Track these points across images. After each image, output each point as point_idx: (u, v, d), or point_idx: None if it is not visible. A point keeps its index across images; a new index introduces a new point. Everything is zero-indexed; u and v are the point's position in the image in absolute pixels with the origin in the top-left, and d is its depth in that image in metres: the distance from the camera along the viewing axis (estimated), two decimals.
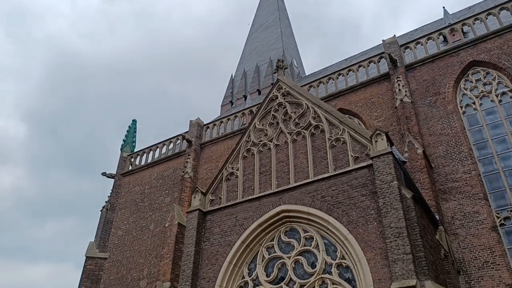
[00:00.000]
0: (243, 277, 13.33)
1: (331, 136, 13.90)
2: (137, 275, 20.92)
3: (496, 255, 13.86)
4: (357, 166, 12.74)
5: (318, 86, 22.10)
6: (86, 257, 22.52)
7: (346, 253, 11.88)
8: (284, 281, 12.53)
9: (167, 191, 23.15)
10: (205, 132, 24.44)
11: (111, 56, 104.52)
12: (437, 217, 14.32)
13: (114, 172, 26.28)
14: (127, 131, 28.27)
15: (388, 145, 12.31)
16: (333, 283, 11.78)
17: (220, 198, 15.23)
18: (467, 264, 14.13)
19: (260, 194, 14.20)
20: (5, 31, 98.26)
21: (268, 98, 16.36)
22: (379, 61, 20.71)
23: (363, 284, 11.03)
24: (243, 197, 14.62)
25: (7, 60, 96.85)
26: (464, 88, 17.96)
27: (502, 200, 15.23)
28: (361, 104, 19.83)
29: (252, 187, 14.67)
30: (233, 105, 36.07)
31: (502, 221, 14.77)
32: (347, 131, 13.60)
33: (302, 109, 15.20)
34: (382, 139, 12.46)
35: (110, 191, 25.56)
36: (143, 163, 25.79)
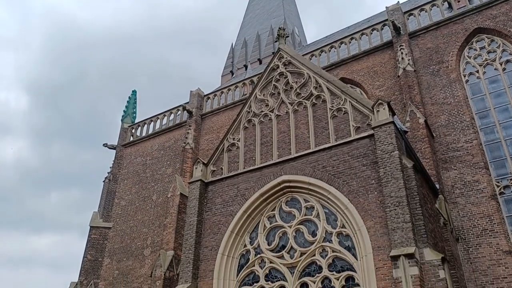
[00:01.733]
0: (245, 246, 13.57)
1: (332, 106, 13.82)
2: (141, 244, 21.33)
3: (495, 223, 14.05)
4: (358, 136, 12.72)
5: (320, 55, 21.79)
6: (90, 226, 22.90)
7: (346, 222, 12.05)
8: (285, 249, 12.77)
9: (168, 162, 23.27)
10: (206, 103, 24.31)
11: (111, 26, 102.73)
12: (437, 186, 14.43)
13: (115, 143, 26.35)
14: (127, 101, 28.15)
15: (389, 114, 12.24)
16: (333, 251, 12.00)
17: (221, 169, 15.31)
18: (465, 232, 14.34)
19: (262, 165, 14.26)
20: (2, 0, 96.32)
21: (269, 68, 16.17)
22: (382, 29, 20.32)
23: (363, 252, 11.24)
24: (244, 168, 14.69)
25: (5, 31, 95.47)
26: (467, 56, 17.70)
27: (502, 169, 15.30)
28: (363, 73, 19.61)
29: (254, 158, 14.72)
30: (234, 75, 35.70)
31: (502, 190, 14.88)
32: (349, 101, 13.51)
33: (303, 78, 15.04)
34: (384, 108, 12.39)
35: (112, 162, 25.72)
36: (144, 134, 25.81)
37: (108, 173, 25.31)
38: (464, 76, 17.39)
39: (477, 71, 17.26)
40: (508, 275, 13.13)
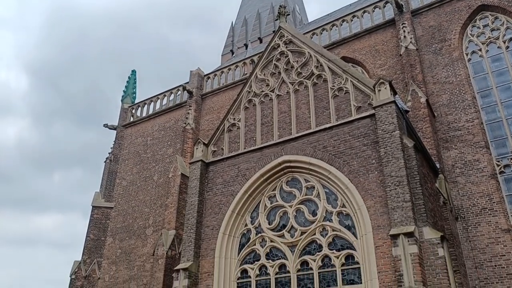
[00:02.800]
0: (246, 225, 13.70)
1: (333, 86, 13.72)
2: (143, 223, 21.54)
3: (494, 202, 14.14)
4: (359, 116, 12.67)
5: (321, 33, 21.51)
6: (92, 206, 23.09)
7: (347, 202, 12.12)
8: (285, 229, 12.89)
9: (169, 143, 23.28)
10: (206, 83, 24.15)
11: (110, 5, 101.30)
12: (437, 165, 14.46)
13: (116, 123, 26.31)
14: (127, 82, 27.97)
15: (391, 94, 12.17)
16: (333, 230, 12.11)
17: (222, 149, 15.32)
18: (465, 211, 14.44)
19: (262, 145, 14.26)
20: None
21: (269, 47, 15.99)
22: (384, 6, 19.99)
23: (363, 231, 11.35)
24: (245, 148, 14.70)
25: (4, 10, 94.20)
26: (471, 34, 17.47)
27: (503, 148, 15.30)
28: (365, 52, 19.40)
29: (254, 138, 14.71)
30: (234, 54, 35.35)
31: (502, 169, 14.91)
32: (350, 80, 13.40)
33: (304, 58, 14.89)
34: (385, 88, 12.31)
35: (113, 143, 25.74)
36: (144, 114, 25.74)
37: (109, 153, 25.36)
38: (467, 55, 17.20)
39: (480, 50, 17.07)
40: (506, 253, 13.29)
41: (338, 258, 11.72)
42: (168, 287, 16.89)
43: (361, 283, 11.11)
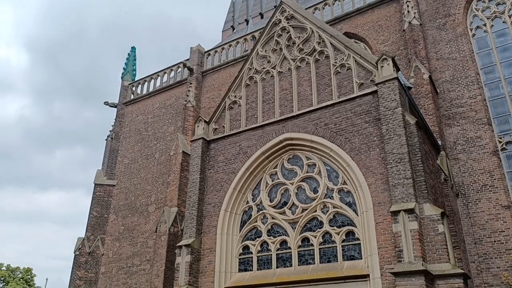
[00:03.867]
0: (248, 202, 13.80)
1: (335, 62, 13.56)
2: (145, 201, 21.71)
3: (495, 179, 14.17)
4: (361, 93, 12.57)
5: (324, 8, 21.11)
6: (95, 184, 23.23)
7: (348, 179, 12.16)
8: (287, 206, 12.98)
9: (170, 120, 23.22)
10: (207, 60, 23.88)
11: None
12: (439, 142, 14.43)
13: (116, 101, 26.19)
14: (127, 59, 27.68)
15: (394, 70, 12.03)
16: (334, 207, 12.19)
17: (223, 127, 15.28)
18: (466, 188, 14.50)
19: (264, 123, 14.21)
20: None
21: (271, 23, 15.73)
22: None
23: (363, 207, 11.42)
24: (246, 126, 14.66)
25: None
26: (475, 8, 17.13)
27: (505, 125, 15.23)
28: (367, 28, 19.09)
29: (255, 116, 14.65)
30: (235, 30, 34.84)
31: (504, 146, 14.88)
32: (353, 57, 13.23)
33: (306, 33, 14.66)
34: (388, 64, 12.15)
35: (114, 120, 25.69)
36: (144, 92, 25.58)
37: (110, 131, 25.34)
38: (471, 30, 16.92)
39: (485, 25, 16.78)
40: (506, 229, 13.40)
41: (338, 234, 11.84)
42: (171, 263, 17.16)
43: (361, 258, 11.26)
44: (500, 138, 15.00)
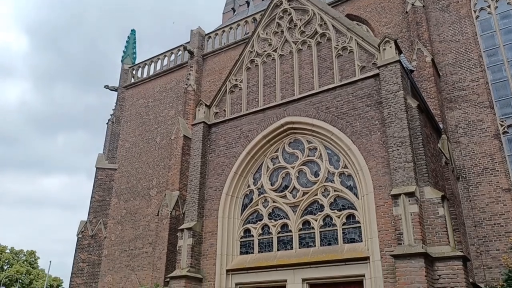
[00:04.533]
0: (249, 186, 13.85)
1: (337, 45, 13.42)
2: (146, 184, 21.82)
3: (496, 162, 14.19)
4: (363, 76, 12.48)
5: None
6: (96, 168, 23.33)
7: (349, 163, 12.17)
8: (288, 189, 13.03)
9: (171, 104, 23.16)
10: (207, 42, 23.67)
11: None
12: (441, 126, 14.40)
13: (117, 85, 26.08)
14: (127, 42, 27.45)
15: (396, 53, 11.91)
16: (335, 190, 12.24)
17: (224, 110, 15.23)
18: (466, 171, 14.53)
19: (265, 106, 14.16)
20: None
21: (272, 4, 15.52)
22: None
23: (364, 191, 11.46)
24: (247, 110, 14.61)
25: None
26: None
27: (507, 108, 15.17)
28: (370, 9, 18.85)
29: (257, 99, 14.59)
30: (236, 13, 34.42)
31: (506, 129, 14.85)
32: (355, 39, 13.09)
33: (308, 16, 14.48)
34: (390, 47, 12.03)
35: (115, 104, 25.64)
36: (145, 75, 25.45)
37: (111, 115, 25.31)
38: (475, 12, 16.70)
39: (489, 6, 16.55)
40: (506, 212, 13.48)
41: (339, 217, 11.92)
42: (173, 246, 17.34)
43: (361, 241, 11.35)
44: (502, 121, 14.95)
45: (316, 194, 12.49)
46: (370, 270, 10.65)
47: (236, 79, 15.38)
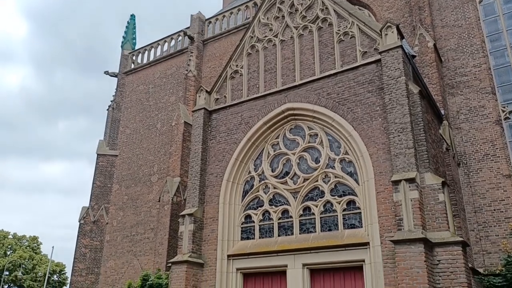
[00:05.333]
0: (249, 172, 13.88)
1: (339, 30, 13.29)
2: (147, 171, 21.88)
3: (497, 148, 14.18)
4: (364, 62, 12.38)
5: None
6: (97, 154, 23.38)
7: (350, 149, 12.16)
8: (288, 176, 13.06)
9: (171, 90, 23.08)
10: (207, 28, 23.47)
11: None
12: (442, 112, 14.34)
13: (117, 70, 25.96)
14: (126, 27, 27.23)
15: (398, 38, 11.80)
16: (335, 177, 12.26)
17: (225, 97, 15.17)
18: (467, 157, 14.53)
19: (265, 92, 14.09)
20: None
21: None
22: None
23: (365, 177, 11.48)
24: (248, 96, 14.55)
25: None
26: None
27: (509, 94, 15.11)
28: None
29: (257, 85, 14.51)
30: None
31: (507, 115, 14.80)
32: (356, 24, 12.95)
33: (309, 0, 14.30)
34: (392, 32, 11.91)
35: (115, 90, 25.55)
36: (145, 61, 25.31)
37: (111, 101, 25.25)
38: None
39: None
40: (506, 198, 13.52)
41: (339, 203, 11.96)
42: (175, 231, 17.48)
43: (361, 227, 11.41)
44: (504, 107, 14.89)
45: (317, 180, 12.51)
46: (370, 256, 10.73)
47: (237, 65, 15.29)
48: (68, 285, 22.92)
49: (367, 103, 11.94)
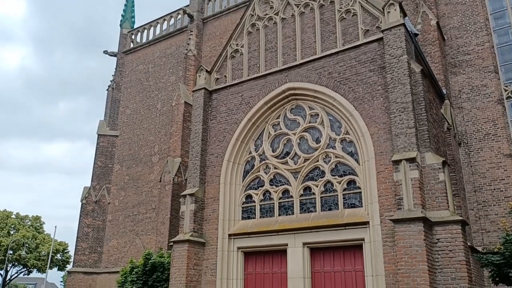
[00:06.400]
0: (250, 153, 13.88)
1: (341, 8, 13.07)
2: (148, 151, 21.91)
3: (499, 127, 14.15)
4: (366, 40, 12.22)
5: None
6: (98, 135, 23.37)
7: (350, 129, 12.13)
8: (289, 156, 13.07)
9: (171, 70, 22.89)
10: (207, 6, 23.11)
11: None
12: (444, 91, 14.24)
13: (116, 50, 25.69)
14: (125, 5, 26.83)
15: (400, 16, 11.61)
16: (336, 157, 12.26)
17: (225, 76, 15.05)
18: (468, 137, 14.51)
19: (266, 72, 13.97)
20: None
21: None
22: None
23: (365, 157, 11.48)
24: (248, 75, 14.42)
25: None
26: None
27: None
28: None
29: (258, 65, 14.37)
30: None
31: (510, 94, 14.71)
32: (359, 2, 12.72)
33: None
34: (395, 9, 11.71)
35: (114, 70, 25.35)
36: (144, 40, 25.03)
37: (111, 81, 25.08)
38: None
39: None
40: (506, 177, 13.56)
41: (340, 183, 12.00)
42: (176, 211, 17.62)
43: (361, 206, 11.48)
44: (506, 86, 14.78)
45: (317, 161, 12.52)
46: (370, 234, 10.83)
47: (237, 44, 15.11)
48: (71, 264, 23.23)
49: (369, 82, 11.85)
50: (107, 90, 24.93)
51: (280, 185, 13.04)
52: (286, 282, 12.00)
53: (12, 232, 39.60)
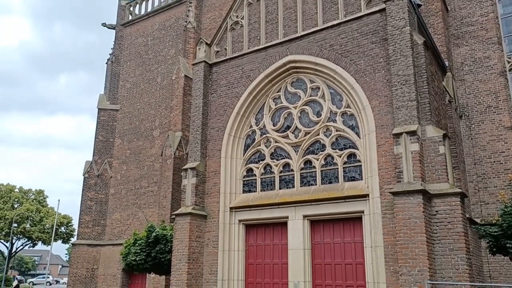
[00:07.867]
0: (251, 126, 13.88)
1: None
2: (149, 125, 21.90)
3: (500, 100, 14.07)
4: (369, 11, 12.01)
5: None
6: (98, 109, 23.30)
7: (351, 102, 12.08)
8: (290, 129, 13.07)
9: (171, 43, 22.58)
10: None
11: None
12: (446, 63, 14.09)
13: (114, 22, 25.28)
14: None
15: None
16: (337, 130, 12.27)
17: (225, 49, 14.87)
18: (470, 109, 14.45)
19: (267, 44, 13.80)
20: None
21: None
22: None
23: (366, 130, 11.48)
24: (249, 48, 14.25)
25: None
26: None
27: None
28: None
29: (258, 37, 14.17)
30: None
31: None
32: None
33: None
34: None
35: (113, 43, 25.02)
36: (143, 12, 24.58)
37: (110, 54, 24.80)
38: None
39: None
40: (506, 150, 13.58)
41: (340, 157, 12.05)
42: (178, 185, 17.77)
43: (361, 179, 11.57)
44: (509, 58, 14.60)
45: (318, 134, 12.53)
46: (369, 207, 10.96)
47: (237, 16, 14.86)
48: (75, 236, 23.62)
49: (371, 54, 11.71)
50: (106, 63, 24.67)
51: (281, 158, 13.10)
52: (286, 253, 12.24)
53: (16, 206, 40.08)
